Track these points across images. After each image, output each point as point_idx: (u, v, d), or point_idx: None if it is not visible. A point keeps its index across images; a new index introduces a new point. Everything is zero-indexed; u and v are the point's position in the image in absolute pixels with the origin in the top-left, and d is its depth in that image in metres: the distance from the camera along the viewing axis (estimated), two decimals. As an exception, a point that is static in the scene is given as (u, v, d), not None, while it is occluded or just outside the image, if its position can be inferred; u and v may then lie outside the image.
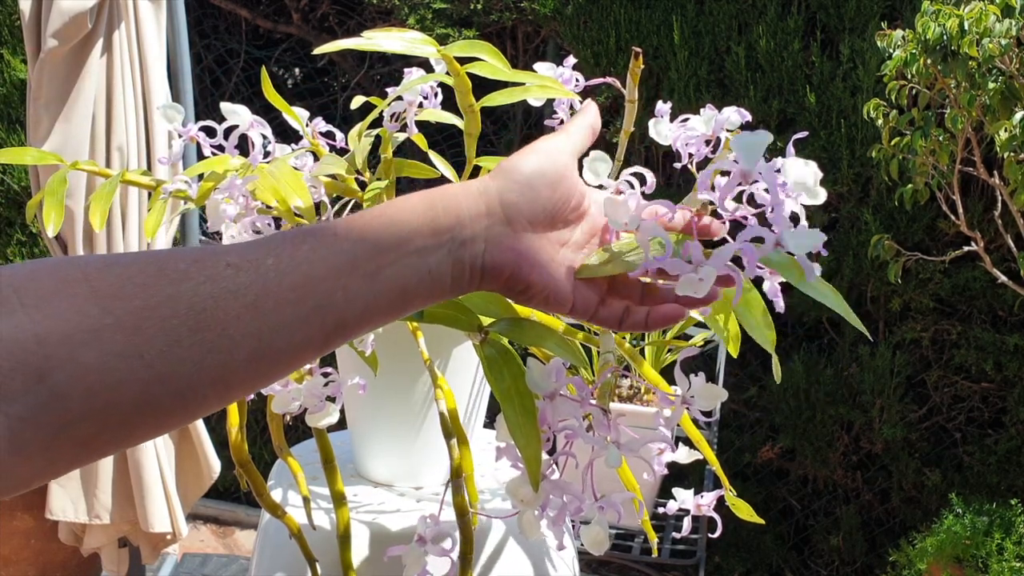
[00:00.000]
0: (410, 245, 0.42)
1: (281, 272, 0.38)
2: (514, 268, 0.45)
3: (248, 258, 0.38)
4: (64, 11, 1.56)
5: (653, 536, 0.77)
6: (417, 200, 0.44)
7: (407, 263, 0.42)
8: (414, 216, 0.43)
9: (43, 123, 1.63)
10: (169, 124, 0.77)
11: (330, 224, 0.41)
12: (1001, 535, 1.65)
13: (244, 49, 2.86)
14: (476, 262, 0.44)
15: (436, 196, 0.44)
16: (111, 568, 1.87)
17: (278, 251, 0.39)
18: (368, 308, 0.41)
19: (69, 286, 0.34)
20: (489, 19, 2.47)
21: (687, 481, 2.17)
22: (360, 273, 0.40)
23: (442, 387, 0.68)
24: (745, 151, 0.44)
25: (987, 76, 1.48)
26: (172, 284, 0.36)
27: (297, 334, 0.39)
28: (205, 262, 0.37)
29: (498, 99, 0.68)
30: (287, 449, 0.76)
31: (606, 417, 0.50)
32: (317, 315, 0.39)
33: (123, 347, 0.34)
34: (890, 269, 1.78)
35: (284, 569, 0.78)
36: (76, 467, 0.35)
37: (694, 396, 0.51)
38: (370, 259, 0.41)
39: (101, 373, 0.33)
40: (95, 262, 0.35)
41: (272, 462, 0.92)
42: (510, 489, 0.51)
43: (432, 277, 0.43)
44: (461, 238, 0.43)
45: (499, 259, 0.44)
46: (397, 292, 0.42)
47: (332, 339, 0.40)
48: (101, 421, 0.34)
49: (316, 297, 0.39)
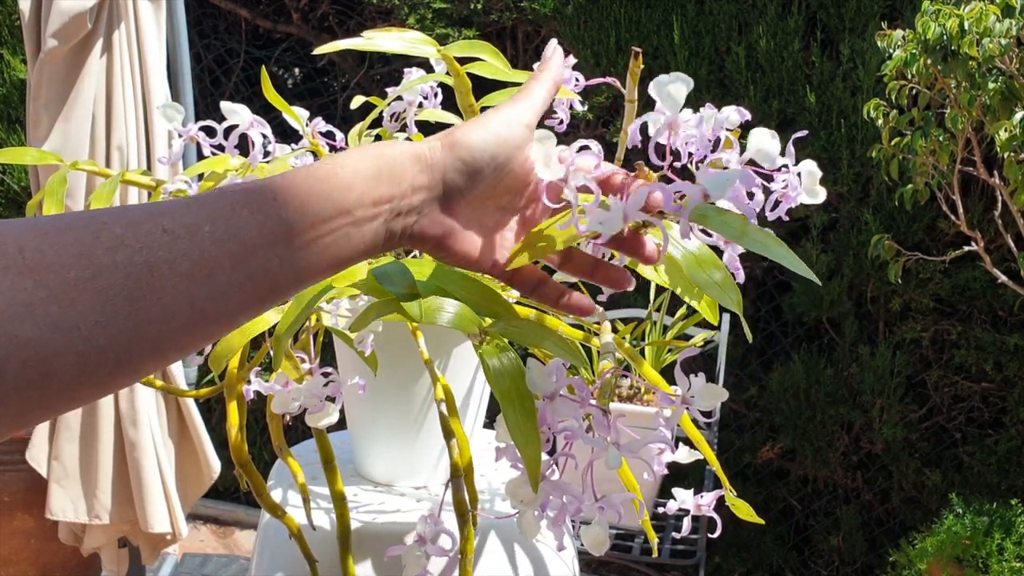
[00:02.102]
0: (349, 216, 0.42)
1: (217, 240, 0.38)
2: (439, 239, 0.46)
3: (184, 223, 0.38)
4: (64, 11, 1.56)
5: (653, 536, 0.77)
6: (365, 164, 0.43)
7: (343, 232, 0.42)
8: (356, 184, 0.42)
9: (43, 123, 1.63)
10: (169, 124, 0.78)
11: (269, 186, 0.41)
12: (1001, 535, 1.65)
13: (244, 49, 2.85)
14: (406, 231, 0.45)
15: (384, 162, 0.44)
16: (111, 568, 1.87)
17: (215, 217, 0.39)
18: (302, 273, 0.41)
19: (2, 260, 0.34)
20: (489, 19, 2.47)
21: (687, 481, 2.17)
22: (297, 242, 0.40)
23: (442, 387, 0.68)
24: (666, 98, 0.44)
25: (987, 76, 1.48)
26: (107, 252, 0.35)
27: (231, 301, 0.39)
28: (141, 227, 0.37)
29: (498, 99, 0.68)
30: (287, 449, 0.76)
31: (606, 418, 0.50)
32: (251, 282, 0.39)
33: (57, 319, 0.34)
34: (890, 269, 1.78)
35: (284, 569, 0.78)
36: (20, 429, 0.36)
37: (694, 396, 0.51)
38: (308, 229, 0.41)
39: (36, 345, 0.33)
40: (30, 233, 0.35)
41: (272, 462, 0.92)
42: (510, 490, 0.51)
43: (366, 245, 0.43)
44: (398, 209, 0.44)
45: (428, 231, 0.45)
46: (331, 259, 0.42)
47: (265, 303, 0.41)
48: (39, 390, 0.34)
49: (251, 265, 0.39)
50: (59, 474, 1.73)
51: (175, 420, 1.81)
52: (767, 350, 2.35)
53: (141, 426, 1.71)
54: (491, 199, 0.48)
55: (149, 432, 1.72)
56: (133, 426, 1.71)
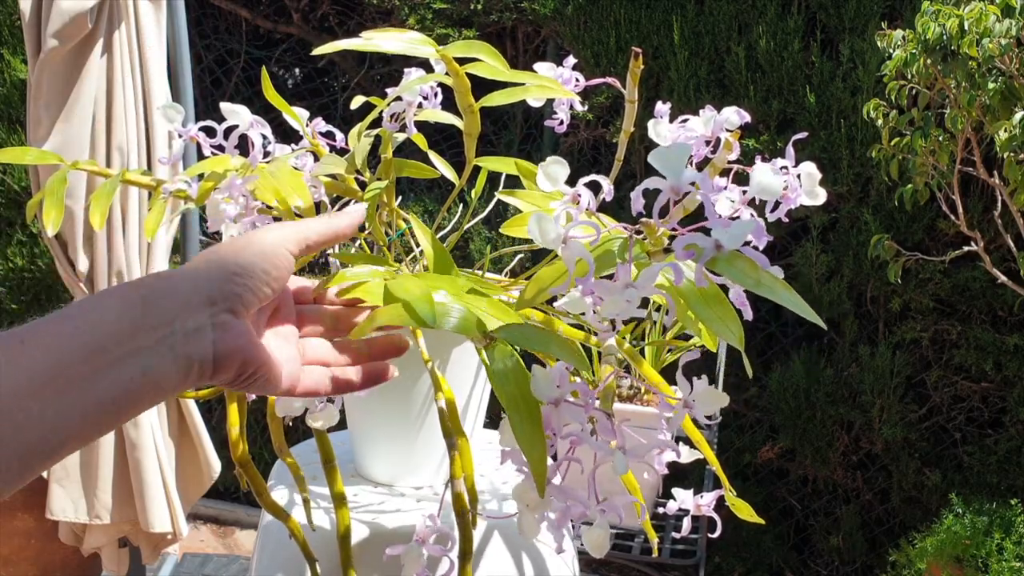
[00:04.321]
0: (119, 348, 0.38)
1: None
2: (246, 354, 0.42)
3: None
4: (64, 11, 1.56)
5: (653, 536, 0.77)
6: (113, 300, 0.39)
7: (116, 369, 0.37)
8: (108, 318, 0.38)
9: (43, 123, 1.63)
10: (169, 124, 0.78)
11: (17, 331, 0.37)
12: (1001, 535, 1.65)
13: (244, 49, 2.86)
14: (206, 355, 0.41)
15: (139, 293, 0.40)
16: (111, 568, 1.87)
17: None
18: (73, 425, 0.36)
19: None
20: (489, 19, 2.47)
21: (687, 481, 2.17)
22: (60, 387, 0.35)
23: (442, 387, 0.69)
24: (667, 166, 0.44)
25: (987, 76, 1.48)
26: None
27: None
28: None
29: (497, 99, 0.68)
30: (287, 450, 0.76)
31: (610, 421, 0.50)
32: (16, 438, 0.34)
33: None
34: (890, 269, 1.78)
35: (284, 569, 0.78)
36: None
37: (696, 400, 0.51)
38: (69, 370, 0.36)
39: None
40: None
41: (272, 462, 0.92)
42: (516, 494, 0.51)
43: (148, 380, 0.38)
44: (184, 329, 0.40)
45: (232, 346, 0.42)
46: (108, 403, 0.37)
47: (33, 464, 0.35)
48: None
49: (12, 417, 0.34)
50: (59, 474, 1.73)
51: (175, 420, 1.82)
52: (767, 350, 2.35)
53: (141, 426, 1.71)
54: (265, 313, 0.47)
55: (150, 432, 1.73)
56: (133, 426, 1.71)
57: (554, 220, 0.47)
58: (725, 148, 0.60)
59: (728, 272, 0.44)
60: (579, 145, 2.52)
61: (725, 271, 0.44)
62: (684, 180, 0.44)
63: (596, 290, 0.45)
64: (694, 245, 0.43)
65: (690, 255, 0.43)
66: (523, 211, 0.63)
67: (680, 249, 0.43)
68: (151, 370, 0.38)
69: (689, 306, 0.46)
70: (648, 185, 0.45)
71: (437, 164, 0.81)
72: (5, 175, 2.69)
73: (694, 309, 0.46)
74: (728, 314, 0.46)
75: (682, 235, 0.44)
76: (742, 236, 0.43)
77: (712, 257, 0.44)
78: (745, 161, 0.58)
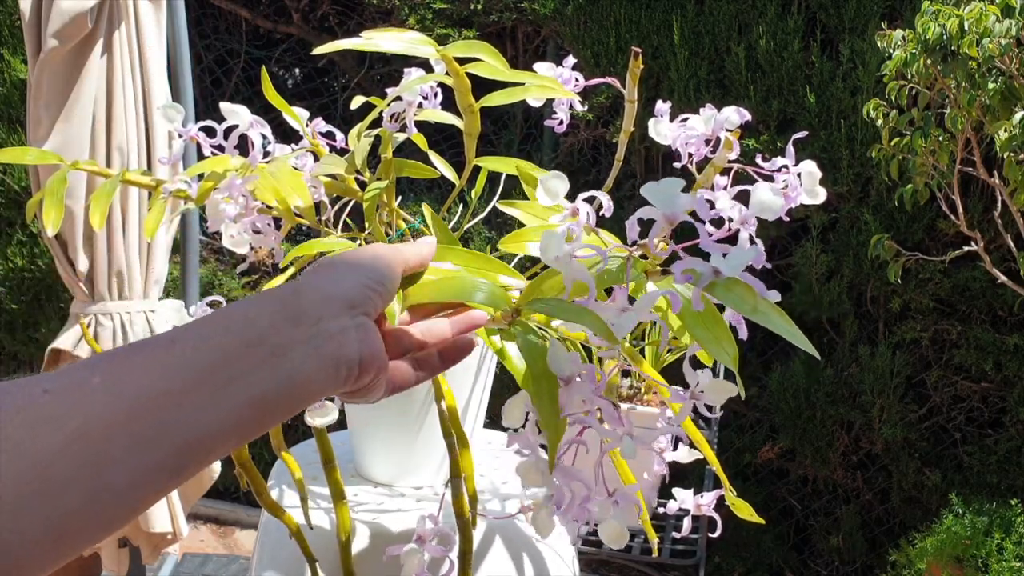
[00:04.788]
0: (263, 346, 0.37)
1: (111, 391, 0.33)
2: (382, 359, 0.43)
3: (67, 381, 0.33)
4: (64, 11, 1.56)
5: (653, 536, 0.77)
6: (265, 297, 0.40)
7: (264, 368, 0.37)
8: (264, 311, 0.38)
9: (43, 123, 1.63)
10: (169, 124, 0.78)
11: (168, 334, 0.37)
12: (1001, 535, 1.65)
13: (244, 49, 2.86)
14: (353, 357, 0.40)
15: (285, 293, 0.40)
16: (111, 568, 1.87)
17: (104, 368, 0.34)
18: (222, 424, 0.35)
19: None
20: (489, 19, 2.47)
21: (687, 481, 2.17)
22: (207, 386, 0.35)
23: (442, 387, 0.69)
24: (660, 199, 0.45)
25: (987, 76, 1.48)
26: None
27: (139, 465, 0.33)
28: (15, 393, 0.32)
29: (497, 99, 0.68)
30: (286, 450, 0.76)
31: (616, 410, 0.50)
32: (164, 438, 0.34)
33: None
34: (890, 269, 1.78)
35: (284, 569, 0.78)
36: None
37: (703, 392, 0.52)
38: (216, 369, 0.36)
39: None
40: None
41: (272, 462, 0.92)
42: (520, 472, 0.51)
43: (296, 380, 0.38)
44: (329, 330, 0.40)
45: (374, 349, 0.42)
46: (254, 402, 0.37)
47: (186, 465, 0.35)
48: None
49: (156, 417, 0.33)
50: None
51: (175, 420, 1.81)
52: (767, 350, 2.35)
53: (141, 426, 1.71)
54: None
55: (149, 432, 1.72)
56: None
57: (559, 237, 0.48)
58: (725, 147, 0.60)
59: (725, 298, 0.44)
60: (579, 145, 2.52)
61: (723, 297, 0.44)
62: (679, 208, 0.45)
63: (596, 309, 0.46)
64: (692, 270, 0.43)
65: (688, 279, 0.44)
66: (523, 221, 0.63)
67: (679, 274, 0.44)
68: (296, 371, 0.38)
69: (685, 327, 0.47)
70: (642, 215, 0.46)
71: (437, 164, 0.81)
72: (5, 175, 2.69)
73: (690, 330, 0.46)
74: (724, 334, 0.46)
75: (679, 262, 0.44)
76: (740, 264, 0.43)
77: (710, 282, 0.44)
78: (745, 161, 0.58)
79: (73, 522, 0.31)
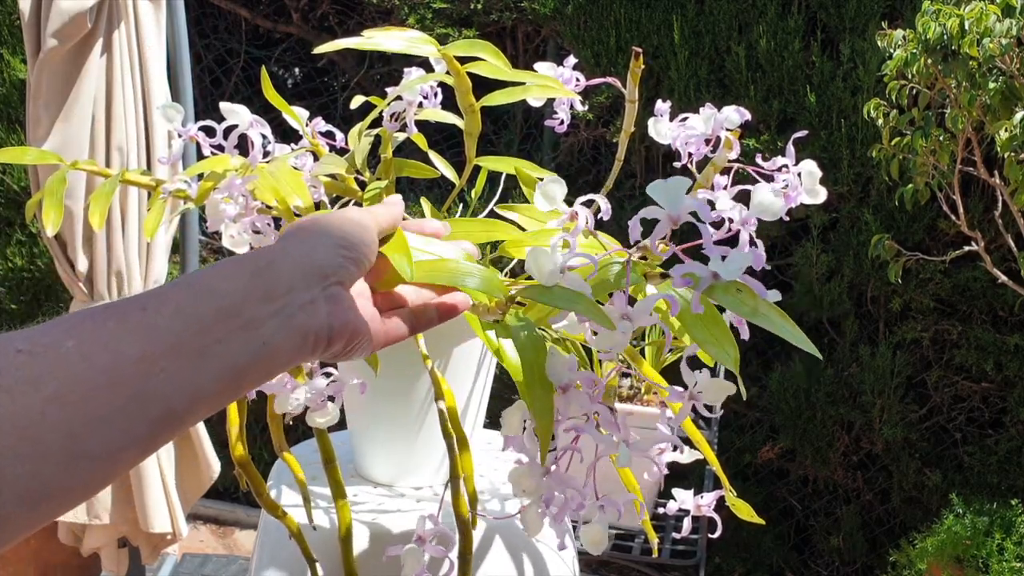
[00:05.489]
0: (238, 318, 0.37)
1: (84, 355, 0.33)
2: (355, 326, 0.43)
3: (42, 342, 0.33)
4: (64, 11, 1.56)
5: (653, 536, 0.76)
6: (238, 266, 0.40)
7: (237, 338, 0.37)
8: (238, 283, 0.38)
9: (43, 123, 1.63)
10: (169, 124, 0.77)
11: (138, 298, 0.36)
12: (1001, 535, 1.65)
13: (244, 49, 2.85)
14: (321, 327, 0.41)
15: (258, 263, 0.40)
16: (111, 568, 1.87)
17: (78, 331, 0.34)
18: (196, 392, 0.36)
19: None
20: (489, 19, 2.47)
21: (687, 481, 2.17)
22: (183, 353, 0.35)
23: (442, 387, 0.68)
24: (666, 198, 0.45)
25: (987, 76, 1.48)
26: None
27: (116, 429, 0.33)
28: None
29: (498, 99, 0.68)
30: (287, 449, 0.76)
31: (613, 415, 0.50)
32: (137, 404, 0.34)
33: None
34: (890, 269, 1.78)
35: (284, 569, 0.78)
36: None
37: (701, 391, 0.51)
38: (193, 337, 0.36)
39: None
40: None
41: (272, 462, 0.92)
42: (513, 478, 0.51)
43: (267, 351, 0.38)
44: (299, 301, 0.40)
45: (344, 319, 0.42)
46: (228, 372, 0.37)
47: (160, 433, 0.35)
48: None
49: (132, 385, 0.34)
50: (59, 474, 1.72)
51: (175, 420, 1.81)
52: (767, 350, 2.35)
53: (141, 426, 1.71)
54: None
55: (149, 432, 1.72)
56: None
57: (551, 250, 0.48)
58: (725, 147, 0.60)
59: (726, 301, 0.44)
60: (579, 145, 2.51)
61: (723, 300, 0.44)
62: (683, 210, 0.45)
63: (591, 323, 0.46)
64: (692, 274, 0.43)
65: (687, 283, 0.44)
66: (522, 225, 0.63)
67: (678, 278, 0.44)
68: (269, 340, 0.38)
69: (686, 329, 0.46)
70: (646, 215, 0.45)
71: (437, 164, 0.80)
72: (5, 175, 2.69)
73: (690, 332, 0.46)
74: (724, 336, 0.46)
75: (679, 266, 0.44)
76: (740, 268, 0.43)
77: (710, 286, 0.44)
78: (745, 160, 0.58)
79: (50, 487, 0.32)
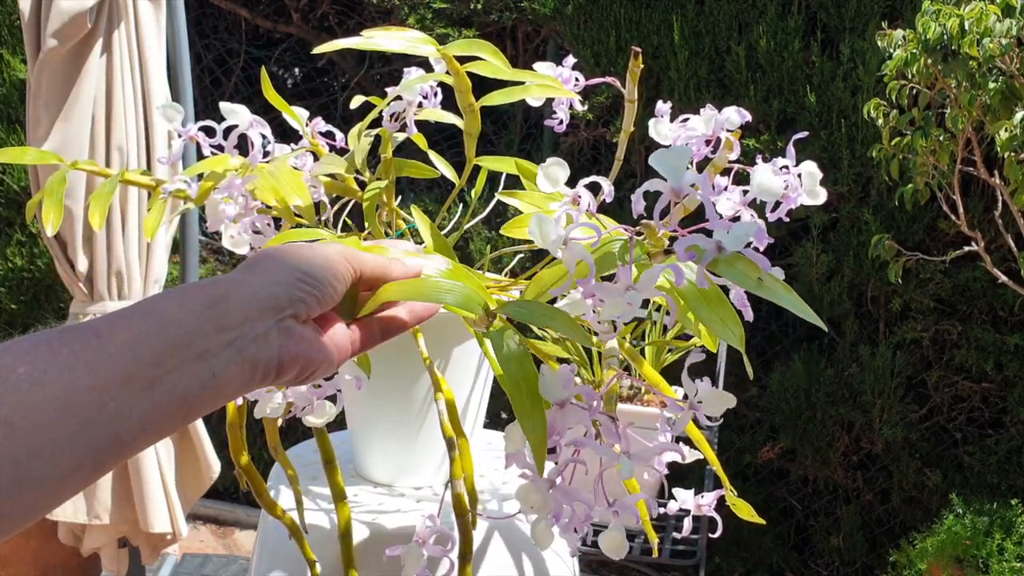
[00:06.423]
0: (189, 349, 0.38)
1: (36, 383, 0.33)
2: (307, 357, 0.43)
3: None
4: (64, 11, 1.56)
5: (653, 536, 0.76)
6: (196, 293, 0.40)
7: (188, 370, 0.38)
8: (193, 312, 0.39)
9: (43, 123, 1.63)
10: (169, 124, 0.77)
11: (93, 325, 0.36)
12: (1002, 535, 1.65)
13: (244, 49, 2.85)
14: (271, 359, 0.41)
15: (212, 293, 0.40)
16: (111, 568, 1.87)
17: (31, 357, 0.34)
18: (145, 422, 0.36)
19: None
20: (489, 19, 2.47)
21: (687, 481, 2.17)
22: (135, 383, 0.36)
23: (442, 387, 0.68)
24: (668, 168, 0.44)
25: (988, 76, 1.48)
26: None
27: (63, 456, 0.33)
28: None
29: (498, 98, 0.68)
30: (281, 449, 0.76)
31: (614, 425, 0.49)
32: (85, 433, 0.34)
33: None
34: (890, 269, 1.78)
35: (284, 569, 0.78)
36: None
37: (701, 402, 0.51)
38: (145, 368, 0.36)
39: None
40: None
41: (272, 462, 0.92)
42: (519, 496, 0.50)
43: (217, 382, 0.39)
44: (253, 333, 0.40)
45: (295, 351, 0.42)
46: (177, 402, 0.37)
47: (106, 461, 0.35)
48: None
49: (82, 412, 0.34)
50: (59, 474, 1.72)
51: (175, 420, 1.81)
52: (767, 350, 2.35)
53: (141, 426, 1.71)
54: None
55: (149, 432, 1.72)
56: (133, 426, 1.71)
57: (555, 222, 0.47)
58: (726, 147, 0.60)
59: (729, 274, 0.44)
60: (579, 145, 2.51)
61: (726, 273, 0.44)
62: (685, 182, 0.44)
63: (597, 292, 0.45)
64: (695, 247, 0.43)
65: (691, 256, 0.43)
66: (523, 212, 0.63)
67: (682, 251, 0.43)
68: (219, 372, 0.39)
69: (690, 307, 0.46)
70: (649, 187, 0.45)
71: (437, 164, 0.80)
72: (4, 175, 2.69)
73: (695, 310, 0.46)
74: (729, 315, 0.46)
75: (683, 236, 0.44)
76: (744, 238, 0.43)
77: (713, 259, 0.44)
78: (745, 161, 0.58)
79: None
